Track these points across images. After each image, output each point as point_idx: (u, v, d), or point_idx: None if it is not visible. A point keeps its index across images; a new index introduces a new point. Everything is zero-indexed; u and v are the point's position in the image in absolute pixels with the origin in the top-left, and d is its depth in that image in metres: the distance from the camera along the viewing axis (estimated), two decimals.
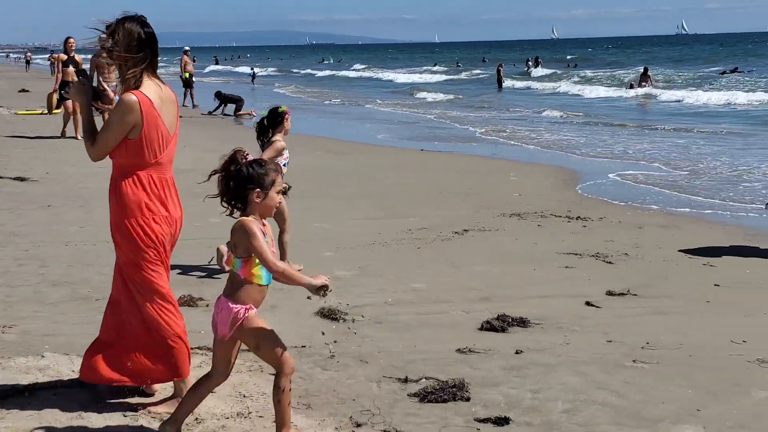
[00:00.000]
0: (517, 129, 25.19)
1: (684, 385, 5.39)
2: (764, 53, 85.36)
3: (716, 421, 4.82)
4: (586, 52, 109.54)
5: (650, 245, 9.81)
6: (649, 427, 4.75)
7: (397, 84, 57.46)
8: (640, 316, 7.03)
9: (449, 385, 5.19)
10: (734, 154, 18.77)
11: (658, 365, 5.78)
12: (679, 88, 42.51)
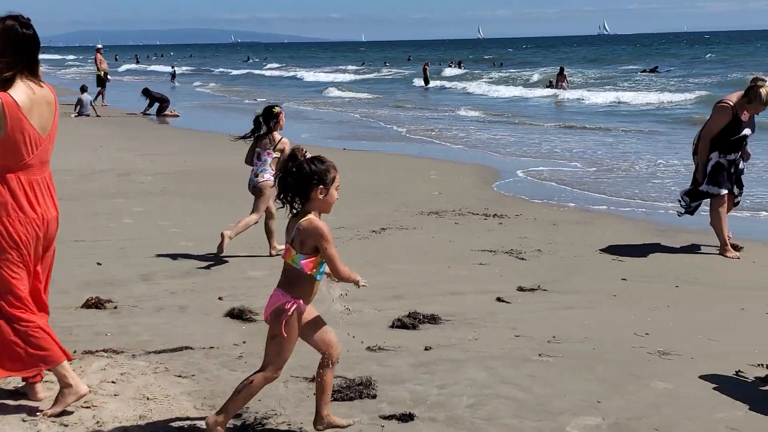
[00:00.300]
0: (441, 127, 25.41)
1: (586, 378, 5.50)
2: (681, 53, 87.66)
3: (615, 413, 4.94)
4: (507, 52, 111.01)
5: (563, 241, 9.99)
6: (550, 419, 4.84)
7: (321, 83, 57.38)
8: (548, 310, 7.15)
9: (356, 384, 5.21)
10: (652, 151, 19.22)
11: (563, 358, 5.89)
12: (598, 88, 43.34)
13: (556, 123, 27.11)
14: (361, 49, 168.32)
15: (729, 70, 52.70)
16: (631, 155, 18.52)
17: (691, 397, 5.22)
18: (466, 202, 12.44)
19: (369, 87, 50.37)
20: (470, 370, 5.61)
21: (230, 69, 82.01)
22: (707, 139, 9.36)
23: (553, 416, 4.89)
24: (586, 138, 22.26)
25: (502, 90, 44.39)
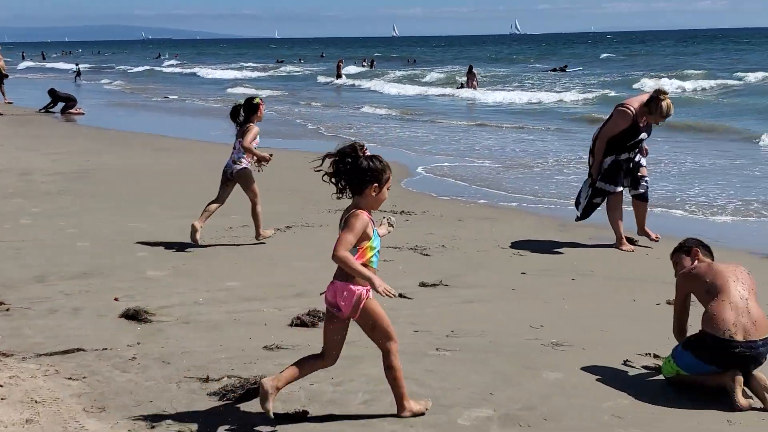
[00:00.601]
0: (353, 124, 25.46)
1: (481, 371, 5.58)
2: (588, 53, 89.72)
3: (506, 404, 5.03)
4: (421, 50, 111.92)
5: (467, 237, 10.10)
6: (442, 412, 4.90)
7: (224, 80, 56.97)
8: (449, 305, 7.23)
9: (250, 383, 5.18)
10: (558, 149, 19.59)
11: (460, 352, 5.97)
12: (508, 86, 43.99)
13: (467, 121, 27.42)
14: (271, 46, 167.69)
15: (631, 69, 54.22)
16: (538, 153, 18.84)
17: (580, 386, 5.34)
18: None
19: (276, 84, 50.38)
20: (367, 366, 5.63)
21: (131, 66, 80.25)
22: (604, 139, 9.54)
23: (445, 409, 4.95)
24: (497, 135, 22.56)
25: (407, 88, 44.75)
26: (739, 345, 5.07)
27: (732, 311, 5.16)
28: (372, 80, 50.97)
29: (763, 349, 5.12)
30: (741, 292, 5.25)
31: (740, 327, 5.11)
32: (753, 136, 20.86)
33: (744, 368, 5.08)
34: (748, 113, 26.88)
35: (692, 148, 19.18)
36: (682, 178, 14.92)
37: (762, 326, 5.15)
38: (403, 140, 21.57)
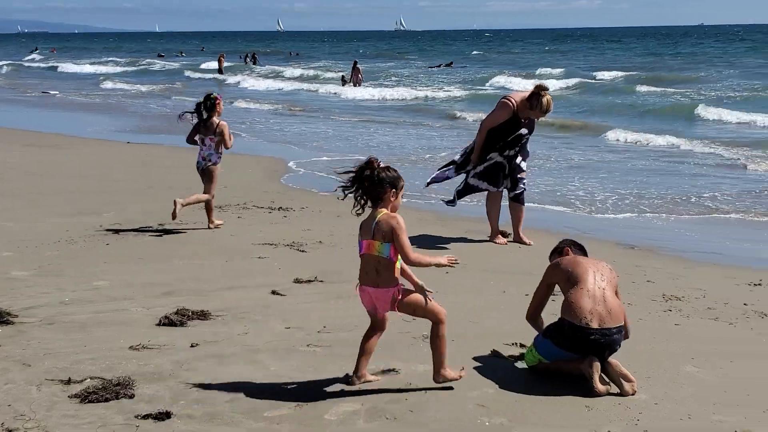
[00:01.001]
0: (252, 120, 25.22)
1: (351, 366, 5.55)
2: (467, 49, 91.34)
3: (374, 398, 5.05)
4: (305, 46, 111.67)
5: (346, 233, 10.09)
6: (310, 408, 4.90)
7: (94, 74, 55.67)
8: (322, 301, 7.22)
9: (113, 384, 5.06)
10: (441, 145, 19.84)
11: (331, 347, 5.97)
12: (392, 83, 44.31)
13: (353, 117, 27.50)
14: (147, 40, 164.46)
15: (492, 67, 55.54)
16: (422, 148, 19.05)
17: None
18: (252, 196, 12.37)
19: (145, 78, 49.81)
20: (235, 364, 5.58)
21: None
22: (485, 130, 9.69)
23: (313, 405, 4.94)
24: (383, 131, 22.72)
25: (287, 83, 44.88)
26: (594, 332, 5.24)
27: (589, 299, 5.32)
28: (250, 74, 50.69)
29: (617, 336, 5.31)
30: (599, 282, 5.42)
31: (596, 315, 5.28)
32: (601, 130, 22.08)
33: (599, 354, 5.25)
34: (600, 111, 27.80)
35: (551, 145, 19.73)
36: (550, 174, 15.34)
37: (616, 315, 5.33)
38: (286, 136, 21.49)
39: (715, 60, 59.55)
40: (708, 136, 21.17)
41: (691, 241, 10.28)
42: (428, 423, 4.76)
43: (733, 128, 23.60)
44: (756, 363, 5.82)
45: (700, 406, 5.05)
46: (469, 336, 6.26)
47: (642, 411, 4.96)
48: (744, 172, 16.03)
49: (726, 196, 13.30)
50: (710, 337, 6.40)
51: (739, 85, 37.02)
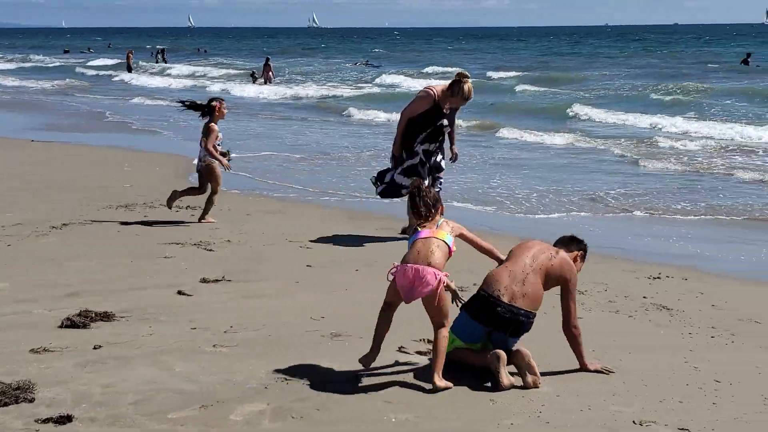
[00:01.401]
0: (140, 117, 24.76)
1: (257, 365, 5.55)
2: (375, 46, 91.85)
3: (280, 397, 5.04)
4: (217, 42, 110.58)
5: (254, 231, 10.05)
6: (216, 408, 4.86)
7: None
8: (229, 301, 7.15)
9: (13, 388, 4.93)
10: (354, 143, 19.87)
11: (238, 347, 5.92)
12: (307, 80, 44.19)
13: (269, 114, 27.42)
14: (50, 36, 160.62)
15: (399, 67, 55.98)
16: (336, 146, 19.04)
17: (355, 375, 5.43)
18: (158, 195, 12.16)
19: (41, 76, 48.83)
20: (139, 366, 5.49)
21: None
22: (404, 118, 9.63)
23: (219, 406, 4.90)
24: (296, 128, 22.64)
25: (186, 80, 44.54)
26: (502, 305, 5.37)
27: (508, 277, 5.47)
28: (158, 72, 50.06)
29: (524, 318, 5.40)
30: (526, 266, 5.53)
31: (509, 291, 5.41)
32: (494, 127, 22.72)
33: (503, 328, 5.36)
34: (484, 111, 28.25)
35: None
36: (463, 171, 15.53)
37: (531, 300, 5.45)
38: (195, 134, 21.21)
39: (608, 60, 61.16)
40: (599, 134, 21.84)
41: (594, 236, 10.51)
42: (335, 421, 4.77)
43: (610, 126, 24.29)
44: (653, 354, 5.99)
45: (600, 397, 5.18)
46: None
47: (544, 403, 5.06)
48: (639, 169, 16.48)
49: (623, 192, 13.64)
50: (610, 330, 6.57)
51: (621, 84, 37.70)
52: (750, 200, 13.00)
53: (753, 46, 69.05)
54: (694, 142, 20.05)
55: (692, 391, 5.30)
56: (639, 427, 4.74)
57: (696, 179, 15.04)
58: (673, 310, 7.17)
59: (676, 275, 8.41)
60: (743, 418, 4.90)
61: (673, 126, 23.30)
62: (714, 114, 26.15)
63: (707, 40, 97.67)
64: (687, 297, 7.61)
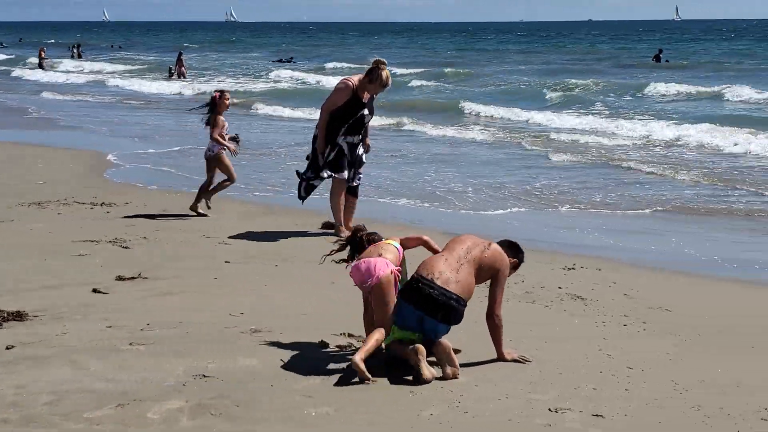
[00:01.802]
0: (62, 114, 24.28)
1: (175, 363, 5.49)
2: (285, 41, 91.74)
3: (199, 394, 4.99)
4: (132, 36, 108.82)
5: (172, 228, 9.93)
6: (132, 407, 4.79)
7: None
8: (146, 298, 7.04)
9: None
10: (279, 140, 19.77)
11: (155, 345, 5.84)
12: (217, 75, 43.71)
13: (175, 107, 27.09)
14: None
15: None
16: (259, 143, 18.93)
17: (274, 371, 5.41)
18: (72, 191, 11.94)
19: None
20: (54, 366, 5.38)
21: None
22: (325, 113, 9.59)
23: (136, 404, 4.84)
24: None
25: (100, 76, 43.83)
26: (434, 287, 5.41)
27: (444, 264, 5.54)
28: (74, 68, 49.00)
29: (455, 303, 5.43)
30: (461, 257, 5.60)
31: (444, 277, 5.47)
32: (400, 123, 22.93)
33: (434, 314, 5.39)
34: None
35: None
36: (387, 167, 15.60)
37: (463, 287, 5.50)
38: (115, 129, 20.87)
39: (508, 55, 62.12)
40: (496, 127, 22.33)
41: (513, 229, 10.67)
42: (254, 417, 4.75)
43: (505, 121, 24.66)
44: (568, 344, 6.12)
45: (517, 386, 5.27)
46: (298, 328, 6.27)
47: (463, 393, 5.13)
48: (550, 161, 16.80)
49: (545, 185, 13.90)
50: (527, 321, 6.67)
51: (508, 80, 37.90)
52: (656, 192, 13.35)
53: (662, 43, 70.87)
54: (588, 136, 20.48)
55: (606, 378, 5.43)
56: (554, 415, 4.84)
57: (604, 172, 15.37)
58: (588, 299, 7.33)
59: (590, 266, 8.59)
60: (654, 403, 5.05)
61: (563, 122, 23.64)
62: (617, 109, 26.83)
63: (619, 36, 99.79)
64: (601, 287, 7.79)
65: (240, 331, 6.19)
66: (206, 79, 41.11)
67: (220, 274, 7.91)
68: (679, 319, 6.82)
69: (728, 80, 34.10)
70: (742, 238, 10.38)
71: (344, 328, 6.25)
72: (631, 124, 22.46)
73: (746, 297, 7.74)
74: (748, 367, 5.74)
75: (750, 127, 20.34)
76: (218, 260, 8.46)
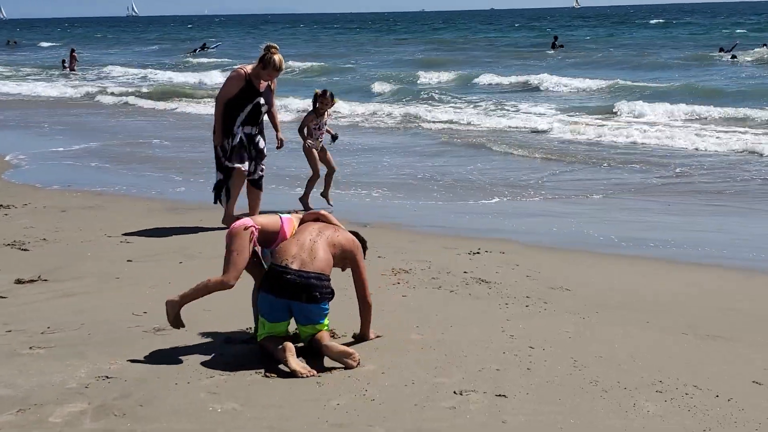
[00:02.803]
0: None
1: (77, 365, 5.39)
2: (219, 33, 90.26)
3: (101, 395, 4.92)
4: (28, 33, 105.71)
5: (71, 228, 9.71)
6: (34, 411, 4.70)
7: None
8: (46, 300, 6.88)
9: None
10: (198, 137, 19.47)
11: (56, 348, 5.71)
12: (111, 71, 42.76)
13: (76, 104, 26.43)
14: None
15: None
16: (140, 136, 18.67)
17: (178, 368, 5.35)
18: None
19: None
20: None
21: None
22: (220, 102, 9.49)
23: (37, 408, 4.74)
24: (100, 119, 22.03)
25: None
26: (291, 272, 5.44)
27: (295, 247, 5.57)
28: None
29: (316, 281, 5.46)
30: (312, 235, 5.66)
31: (298, 259, 5.50)
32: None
33: (296, 296, 5.43)
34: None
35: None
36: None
37: (320, 264, 5.53)
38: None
39: (393, 46, 62.47)
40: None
41: (418, 216, 10.78)
42: (159, 416, 4.69)
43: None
44: (473, 327, 6.22)
45: (423, 370, 5.34)
46: (203, 324, 6.22)
47: (370, 381, 5.17)
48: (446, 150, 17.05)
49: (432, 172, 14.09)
50: (433, 306, 6.76)
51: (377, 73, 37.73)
52: (546, 176, 13.73)
53: (559, 30, 72.14)
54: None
55: (508, 359, 5.55)
56: (459, 397, 4.93)
57: (491, 159, 15.76)
58: (492, 282, 7.46)
59: (494, 249, 8.74)
60: (555, 381, 5.18)
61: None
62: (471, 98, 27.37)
63: (523, 25, 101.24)
64: (504, 269, 7.94)
65: (143, 330, 6.11)
66: (96, 77, 40.12)
67: (122, 274, 7.77)
68: (579, 299, 7.01)
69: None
70: (636, 217, 10.69)
71: (248, 323, 6.20)
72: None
73: (641, 274, 7.97)
74: (643, 342, 5.94)
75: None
76: (120, 259, 8.31)
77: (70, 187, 12.45)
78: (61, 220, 10.15)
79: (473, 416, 4.70)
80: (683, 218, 10.65)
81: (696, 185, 12.93)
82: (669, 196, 12.02)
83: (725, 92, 25.47)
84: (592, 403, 4.88)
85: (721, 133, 18.01)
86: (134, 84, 35.94)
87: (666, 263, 8.36)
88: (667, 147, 16.89)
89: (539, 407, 4.81)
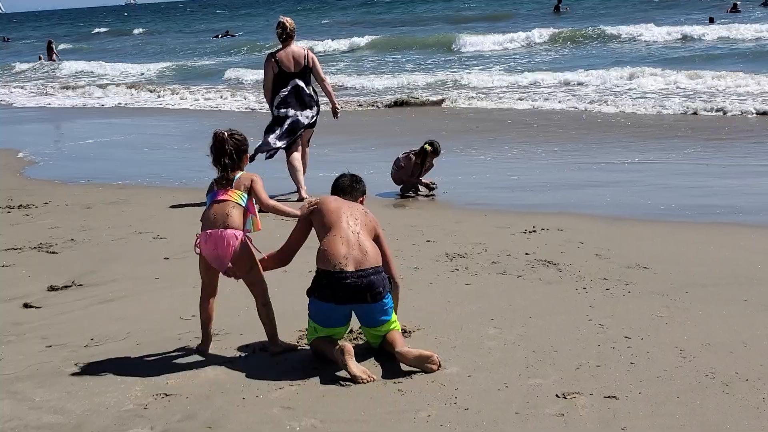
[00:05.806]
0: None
1: (130, 382, 4.88)
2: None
3: (164, 417, 4.41)
4: (29, 27, 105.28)
5: (99, 226, 9.19)
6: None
7: None
8: (84, 308, 6.35)
9: None
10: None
11: (104, 363, 5.20)
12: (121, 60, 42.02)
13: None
14: None
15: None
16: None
17: (243, 380, 4.85)
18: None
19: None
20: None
21: None
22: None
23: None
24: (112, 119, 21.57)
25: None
26: (350, 275, 4.94)
27: (343, 245, 5.05)
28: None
29: (374, 277, 5.00)
30: (352, 227, 5.15)
31: (351, 259, 5.00)
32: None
33: (360, 299, 4.96)
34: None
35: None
36: None
37: (372, 258, 5.06)
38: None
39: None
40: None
41: (458, 194, 10.22)
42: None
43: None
44: (553, 316, 5.69)
45: (513, 371, 4.81)
46: (258, 326, 5.68)
47: (457, 386, 4.64)
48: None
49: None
50: (503, 294, 6.22)
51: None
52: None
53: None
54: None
55: (606, 352, 5.00)
56: (564, 401, 4.39)
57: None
58: (560, 264, 6.91)
59: (550, 226, 8.18)
60: (665, 376, 4.64)
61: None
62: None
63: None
64: (569, 249, 7.39)
65: (195, 337, 5.57)
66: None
67: (161, 273, 7.24)
68: (662, 277, 6.45)
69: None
70: (696, 183, 10.12)
71: (298, 324, 5.64)
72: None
73: (723, 245, 7.35)
74: (749, 324, 5.39)
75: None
76: (157, 257, 7.78)
77: (90, 182, 11.94)
78: (86, 217, 9.63)
79: (586, 424, 4.15)
80: (740, 181, 10.07)
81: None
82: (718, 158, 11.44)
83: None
84: (716, 400, 4.33)
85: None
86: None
87: (749, 229, 7.76)
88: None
89: (657, 408, 4.27)
